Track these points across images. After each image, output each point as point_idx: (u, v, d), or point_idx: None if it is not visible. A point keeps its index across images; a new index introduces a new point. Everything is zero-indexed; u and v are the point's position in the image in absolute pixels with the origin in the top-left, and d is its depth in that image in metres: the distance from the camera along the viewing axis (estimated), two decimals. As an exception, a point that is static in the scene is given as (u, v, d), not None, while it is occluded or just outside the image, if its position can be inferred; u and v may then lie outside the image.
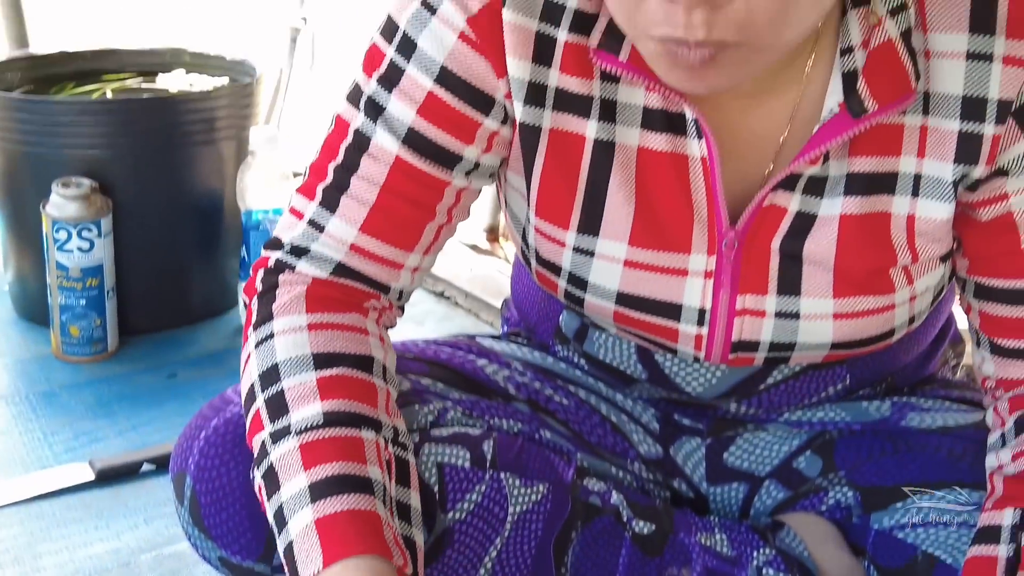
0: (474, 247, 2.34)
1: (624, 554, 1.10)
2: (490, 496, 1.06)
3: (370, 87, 1.01)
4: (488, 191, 1.91)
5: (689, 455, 1.23)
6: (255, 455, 0.95)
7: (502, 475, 1.07)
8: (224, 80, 1.94)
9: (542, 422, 1.16)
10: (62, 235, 1.70)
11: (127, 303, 1.80)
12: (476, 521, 1.05)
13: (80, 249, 1.70)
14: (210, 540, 1.04)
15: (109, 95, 1.89)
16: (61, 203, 1.69)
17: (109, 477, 1.47)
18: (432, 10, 0.98)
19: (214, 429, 1.03)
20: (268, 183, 1.81)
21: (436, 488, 1.03)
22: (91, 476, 1.46)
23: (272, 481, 0.91)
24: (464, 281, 2.06)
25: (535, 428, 1.14)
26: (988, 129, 0.96)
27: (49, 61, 2.01)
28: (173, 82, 1.95)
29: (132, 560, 1.33)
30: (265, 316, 1.01)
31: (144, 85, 1.96)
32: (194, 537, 1.05)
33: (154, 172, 1.81)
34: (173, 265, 1.87)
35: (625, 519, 1.10)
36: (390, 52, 1.00)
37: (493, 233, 2.52)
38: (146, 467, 1.49)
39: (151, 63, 2.04)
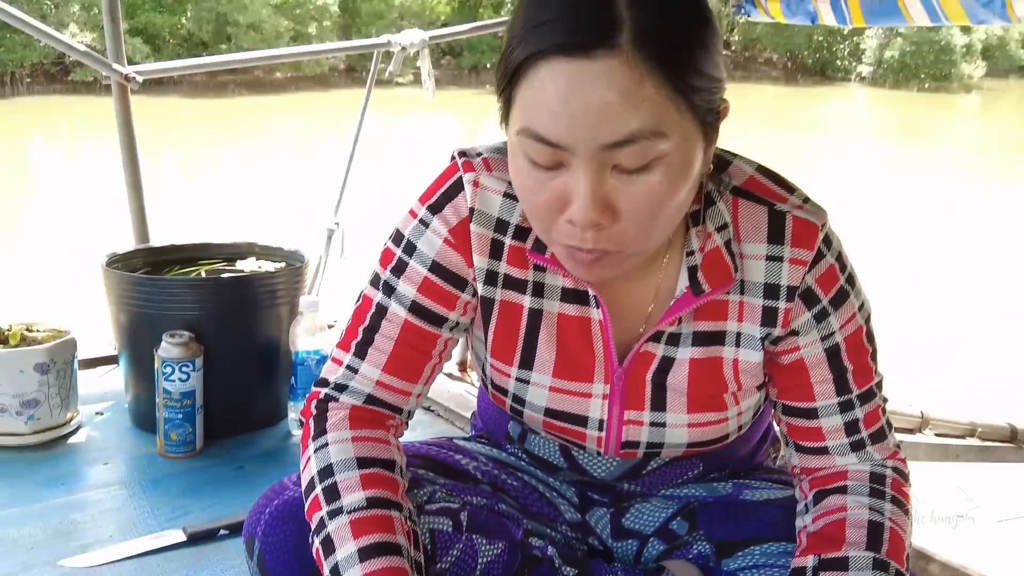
0: (450, 375, 2.37)
1: None
2: (465, 551, 1.06)
3: (385, 275, 1.07)
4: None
5: (599, 520, 1.22)
6: (314, 527, 0.97)
7: (473, 536, 1.07)
8: (282, 264, 1.98)
9: (499, 498, 1.16)
10: (168, 370, 1.70)
11: (210, 416, 1.79)
12: (456, 570, 1.06)
13: (180, 379, 1.71)
14: None
15: (203, 275, 1.93)
16: (168, 348, 1.70)
17: (197, 539, 1.46)
18: (426, 224, 1.05)
19: (276, 507, 1.04)
20: (311, 333, 1.83)
21: (429, 547, 1.04)
22: (184, 538, 1.46)
23: (329, 546, 0.93)
24: (444, 398, 2.10)
25: (495, 502, 1.14)
26: (782, 304, 1.00)
27: (161, 251, 2.03)
28: (247, 266, 1.99)
29: None
30: (320, 431, 1.04)
31: (227, 268, 1.99)
32: None
33: (233, 326, 1.83)
34: (243, 389, 1.88)
35: (557, 566, 1.10)
36: (398, 252, 1.07)
37: (463, 365, 2.58)
38: (223, 532, 1.48)
39: (231, 252, 2.05)
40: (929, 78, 31.87)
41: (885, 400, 1.07)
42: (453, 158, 1.05)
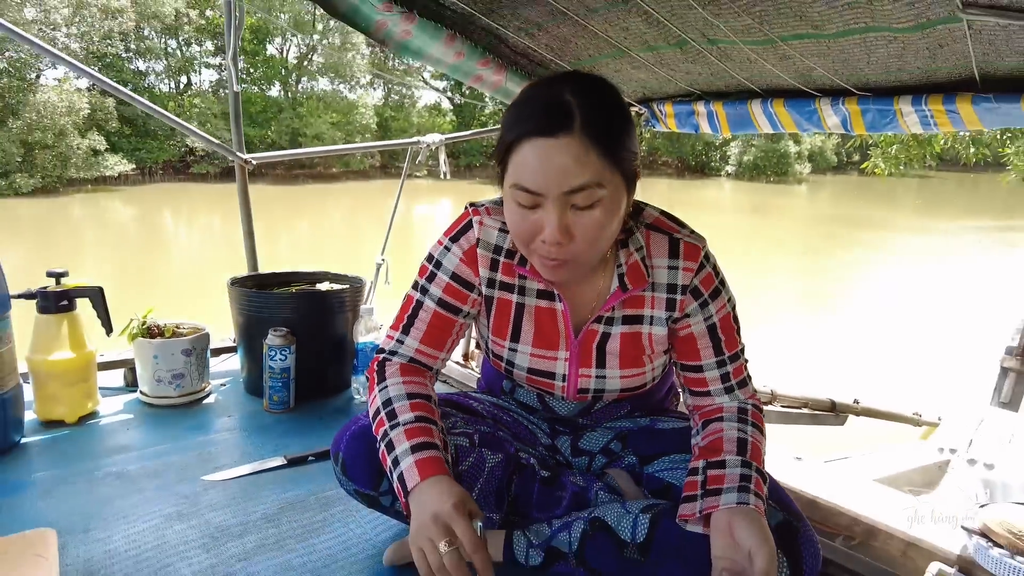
0: (457, 363, 2.38)
1: (536, 486, 1.10)
2: (477, 459, 1.08)
3: (422, 282, 1.10)
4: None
5: (563, 444, 1.23)
6: (379, 437, 0.99)
7: (482, 449, 1.09)
8: (347, 285, 1.98)
9: (498, 427, 1.18)
10: (272, 353, 1.70)
11: (299, 385, 1.78)
12: (471, 470, 1.07)
13: (280, 359, 1.71)
14: (351, 481, 1.06)
15: (294, 290, 1.93)
16: (272, 338, 1.71)
17: (293, 463, 1.47)
18: (448, 249, 1.08)
19: (353, 430, 1.07)
20: (368, 331, 1.83)
21: (453, 455, 1.05)
22: (284, 462, 1.46)
23: (391, 447, 0.95)
24: (455, 376, 2.09)
25: (495, 430, 1.15)
26: (678, 297, 1.04)
27: (266, 277, 2.03)
28: (324, 286, 2.00)
29: (304, 499, 1.31)
30: (382, 379, 1.06)
31: (311, 287, 1.99)
32: (342, 481, 1.08)
33: (315, 325, 1.82)
34: (321, 367, 1.87)
35: (537, 469, 1.11)
36: (430, 267, 1.10)
37: (466, 357, 2.56)
38: (311, 458, 1.48)
39: (312, 278, 2.05)
40: (773, 174, 32.15)
41: (747, 360, 1.10)
42: (466, 208, 1.08)
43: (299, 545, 1.15)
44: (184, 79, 25.98)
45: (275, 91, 26.95)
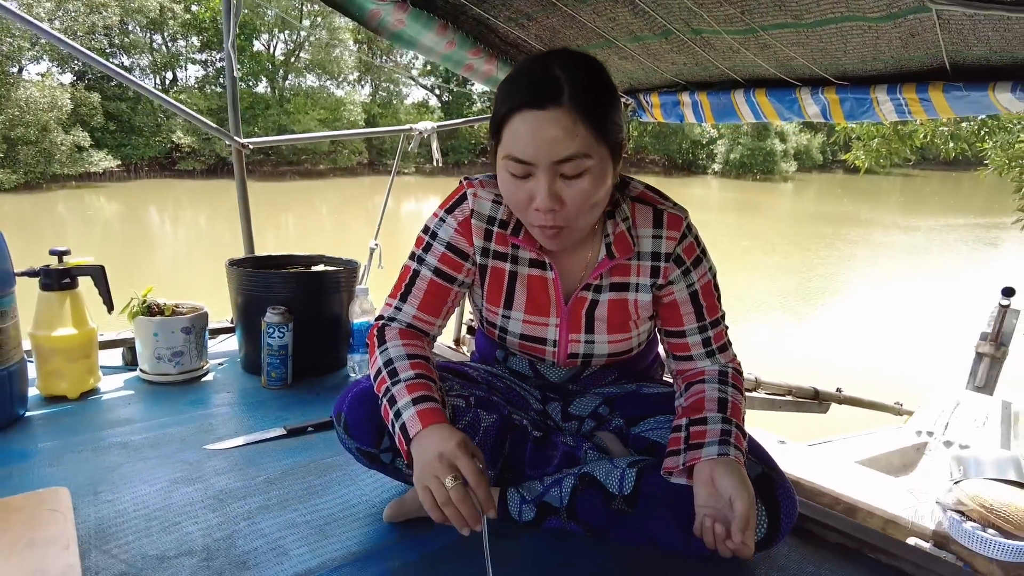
0: (449, 347, 2.42)
1: (529, 446, 1.14)
2: (473, 418, 1.11)
3: (418, 252, 1.14)
4: (452, 323, 1.95)
5: (553, 409, 1.26)
6: (381, 394, 1.02)
7: (478, 410, 1.13)
8: (342, 268, 1.99)
9: (492, 392, 1.21)
10: (271, 330, 1.73)
11: (297, 362, 1.81)
12: (468, 429, 1.10)
13: (278, 337, 1.74)
14: (353, 440, 1.09)
15: (290, 271, 1.95)
16: (271, 316, 1.73)
17: (293, 433, 1.50)
18: (444, 221, 1.12)
19: (354, 392, 1.10)
20: (363, 311, 1.85)
21: (451, 415, 1.08)
22: (284, 433, 1.49)
23: (392, 401, 0.99)
24: (450, 356, 2.12)
25: (490, 394, 1.19)
26: (662, 265, 1.09)
27: (263, 259, 2.03)
28: (319, 268, 2.01)
29: (304, 465, 1.35)
30: (382, 342, 1.09)
31: (307, 269, 2.01)
32: (344, 440, 1.11)
33: (312, 305, 1.84)
34: (318, 345, 1.88)
35: (530, 430, 1.15)
36: (427, 238, 1.13)
37: (457, 343, 2.60)
38: (310, 429, 1.52)
39: (307, 261, 2.07)
40: (759, 172, 32.42)
41: (727, 327, 1.15)
42: (461, 182, 1.13)
43: (301, 506, 1.19)
44: (170, 75, 25.76)
45: (262, 87, 26.79)
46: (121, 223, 14.60)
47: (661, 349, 1.27)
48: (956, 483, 1.77)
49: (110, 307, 1.68)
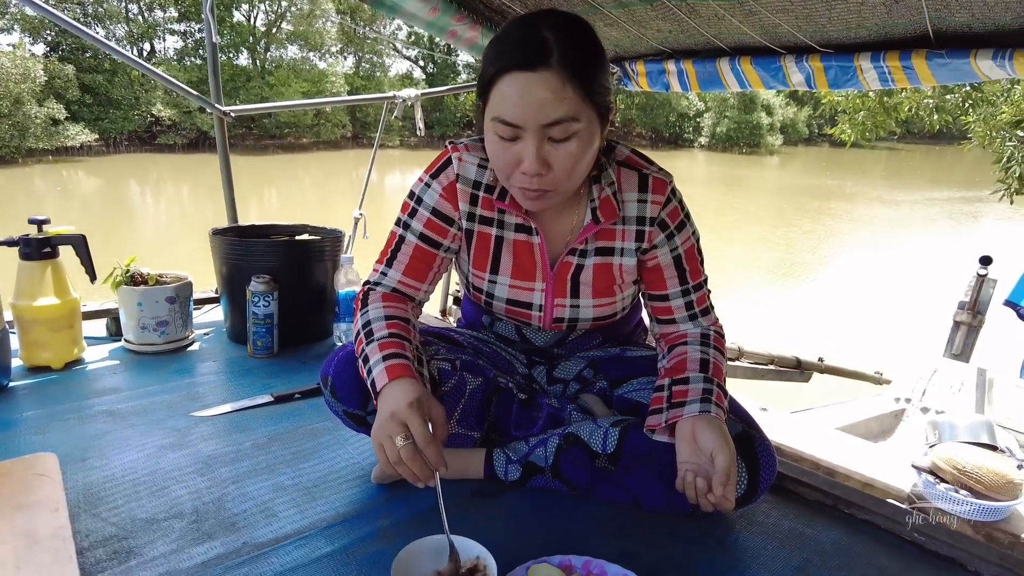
0: (436, 317, 2.42)
1: (514, 408, 1.16)
2: (459, 381, 1.12)
3: (404, 218, 1.13)
4: (438, 294, 1.96)
5: (539, 373, 1.28)
6: (359, 353, 1.03)
7: (464, 373, 1.14)
8: (327, 237, 1.95)
9: (478, 356, 1.22)
10: (256, 299, 1.73)
11: (282, 332, 1.80)
12: (453, 392, 1.12)
13: (263, 306, 1.73)
14: (339, 403, 1.10)
15: (274, 240, 1.94)
16: (256, 285, 1.72)
17: (280, 400, 1.51)
18: (429, 186, 1.11)
19: (340, 356, 1.10)
20: (347, 279, 1.85)
21: (437, 377, 1.10)
22: (271, 399, 1.50)
23: (366, 360, 0.99)
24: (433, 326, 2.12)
25: (475, 359, 1.19)
26: (647, 229, 1.09)
27: (246, 228, 2.02)
28: (304, 238, 1.98)
29: (292, 431, 1.36)
30: (364, 305, 1.09)
31: (291, 237, 1.98)
32: (332, 403, 1.11)
33: (297, 274, 1.83)
34: (303, 314, 1.88)
35: (515, 392, 1.17)
36: (412, 203, 1.13)
37: (444, 313, 2.60)
38: (297, 396, 1.53)
39: (291, 230, 2.05)
40: (746, 146, 32.45)
41: (709, 291, 1.16)
42: (446, 146, 1.12)
43: (290, 469, 1.21)
44: (147, 46, 25.18)
45: (243, 60, 26.28)
46: (101, 197, 14.37)
47: (645, 314, 1.28)
48: (931, 447, 1.82)
49: (92, 277, 1.67)
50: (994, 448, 1.86)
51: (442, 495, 0.91)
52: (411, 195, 1.13)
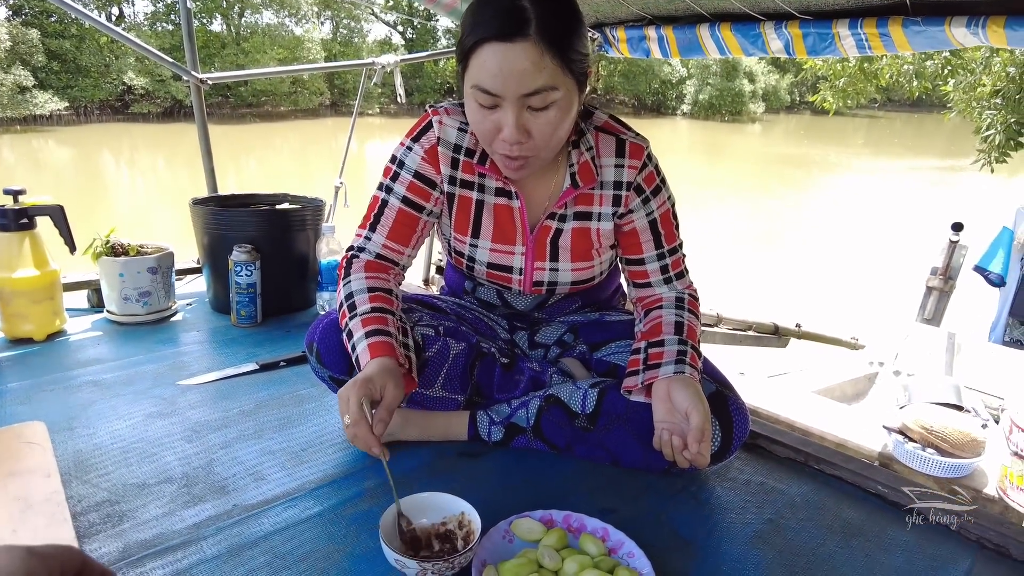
0: (419, 287, 2.43)
1: (497, 371, 1.18)
2: (442, 346, 1.15)
3: (386, 182, 1.14)
4: (421, 264, 1.96)
5: (520, 338, 1.31)
6: (342, 327, 1.05)
7: (447, 339, 1.16)
8: (308, 205, 1.95)
9: (461, 322, 1.25)
10: (238, 268, 1.73)
11: (265, 301, 1.81)
12: (436, 357, 1.14)
13: (246, 275, 1.74)
14: (325, 368, 1.12)
15: (255, 209, 1.93)
16: (238, 254, 1.72)
17: (265, 368, 1.52)
18: (411, 149, 1.12)
19: (325, 323, 1.12)
20: (329, 249, 1.86)
21: (421, 343, 1.12)
22: (257, 367, 1.52)
23: (350, 335, 1.02)
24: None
25: (458, 324, 1.22)
26: (623, 193, 1.11)
27: (227, 198, 2.01)
28: (285, 207, 1.95)
29: (278, 398, 1.38)
30: (347, 274, 1.11)
31: (272, 207, 1.94)
32: (317, 369, 1.14)
33: (279, 242, 1.83)
34: (286, 284, 1.89)
35: (497, 357, 1.19)
36: (394, 167, 1.14)
37: (426, 282, 2.62)
38: (282, 364, 1.55)
39: (272, 200, 2.04)
40: (728, 113, 32.37)
41: (684, 255, 1.19)
42: (426, 110, 1.13)
43: (277, 435, 1.23)
44: (115, 10, 24.42)
45: (217, 26, 25.61)
46: (74, 167, 14.06)
47: (623, 280, 1.31)
48: (901, 408, 1.89)
49: (72, 248, 1.66)
50: (960, 408, 1.94)
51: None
52: (393, 159, 1.14)
